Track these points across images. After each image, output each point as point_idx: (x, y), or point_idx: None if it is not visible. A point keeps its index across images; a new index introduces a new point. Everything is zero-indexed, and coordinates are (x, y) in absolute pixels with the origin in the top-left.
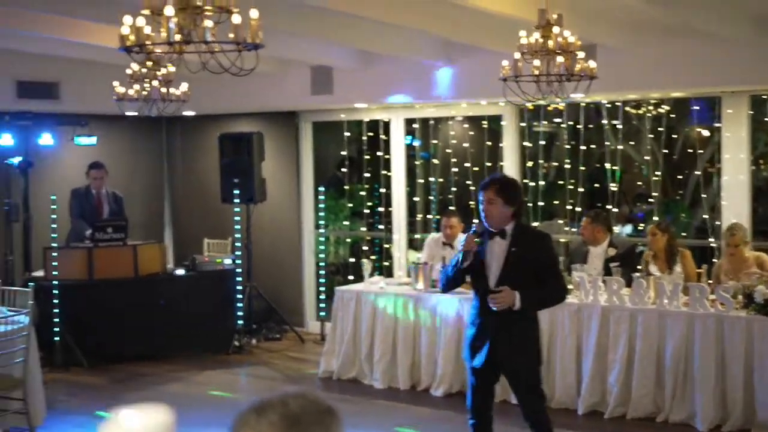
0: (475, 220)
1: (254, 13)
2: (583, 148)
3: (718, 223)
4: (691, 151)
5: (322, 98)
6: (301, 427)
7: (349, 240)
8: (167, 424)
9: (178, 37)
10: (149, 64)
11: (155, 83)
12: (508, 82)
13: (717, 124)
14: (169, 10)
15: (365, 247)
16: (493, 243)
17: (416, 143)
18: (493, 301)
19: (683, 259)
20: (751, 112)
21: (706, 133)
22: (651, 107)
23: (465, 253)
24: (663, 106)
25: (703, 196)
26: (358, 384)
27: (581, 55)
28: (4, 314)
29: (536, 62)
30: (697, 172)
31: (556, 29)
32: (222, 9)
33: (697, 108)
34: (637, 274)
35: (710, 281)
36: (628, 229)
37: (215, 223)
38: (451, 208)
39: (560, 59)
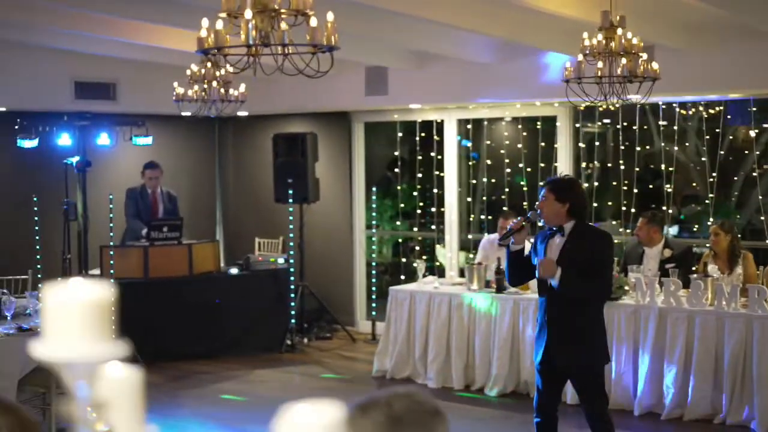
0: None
1: (330, 16)
2: (638, 149)
3: None
4: (738, 152)
5: (377, 99)
6: (402, 427)
7: (400, 240)
8: (338, 420)
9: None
10: (209, 65)
11: (214, 84)
12: (570, 83)
13: (766, 125)
14: (248, 13)
15: (417, 247)
16: (553, 241)
17: (466, 143)
18: (537, 270)
19: (745, 260)
20: None
21: (752, 133)
22: (701, 108)
23: (510, 231)
24: (716, 107)
25: (759, 197)
26: (412, 383)
27: (644, 56)
28: None
29: (599, 64)
30: (754, 174)
31: (619, 31)
32: (298, 12)
33: (754, 109)
34: (695, 275)
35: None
36: (674, 230)
37: (267, 222)
38: (505, 209)
39: (623, 61)
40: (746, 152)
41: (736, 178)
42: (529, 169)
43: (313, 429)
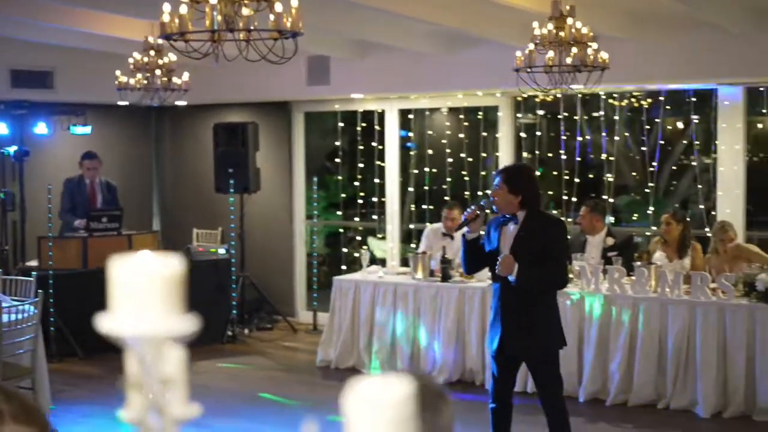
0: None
1: (295, 1)
2: (579, 139)
3: (714, 213)
4: (672, 142)
5: (319, 89)
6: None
7: (341, 230)
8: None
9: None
10: (152, 53)
11: (158, 72)
12: (520, 72)
13: (694, 117)
14: None
15: (358, 237)
16: (506, 228)
17: (405, 134)
18: (497, 267)
19: (694, 251)
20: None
21: (680, 124)
22: (633, 99)
23: (465, 221)
24: (656, 97)
25: (699, 187)
26: (357, 373)
27: (594, 46)
28: (12, 304)
29: (550, 53)
30: (694, 164)
31: (569, 20)
32: None
33: (693, 99)
34: (638, 263)
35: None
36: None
37: (205, 212)
38: (447, 198)
39: (574, 50)
40: (684, 142)
41: (674, 168)
42: (470, 159)
43: (385, 405)
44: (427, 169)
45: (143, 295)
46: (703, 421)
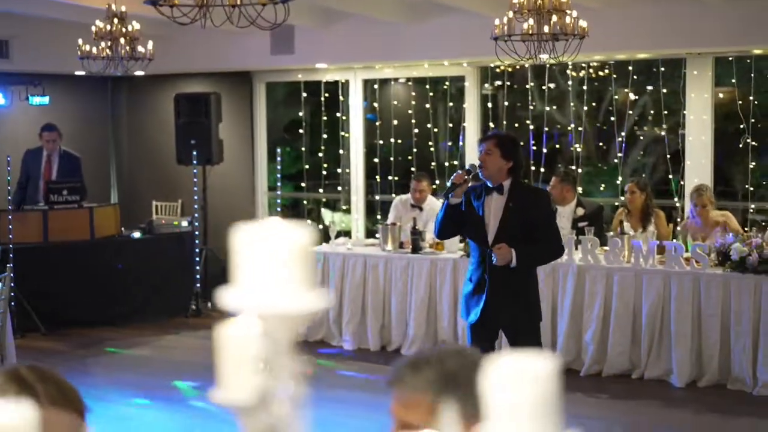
0: (437, 181)
1: None
2: (547, 108)
3: (682, 183)
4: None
5: (283, 58)
6: (458, 385)
7: (305, 201)
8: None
9: None
10: (116, 21)
11: (122, 41)
12: (499, 41)
13: (649, 87)
14: None
15: (325, 210)
16: (491, 199)
17: (366, 104)
18: (494, 257)
19: (657, 219)
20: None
21: (633, 96)
22: (600, 68)
23: (452, 186)
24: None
25: (668, 157)
26: (326, 345)
27: (574, 14)
28: None
29: (531, 21)
30: (663, 134)
31: None
32: None
33: (662, 69)
34: (611, 233)
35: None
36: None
37: (165, 185)
38: (413, 169)
39: (554, 18)
40: (651, 112)
41: (642, 138)
42: (435, 130)
43: (528, 381)
44: (392, 140)
45: (272, 268)
46: (678, 390)
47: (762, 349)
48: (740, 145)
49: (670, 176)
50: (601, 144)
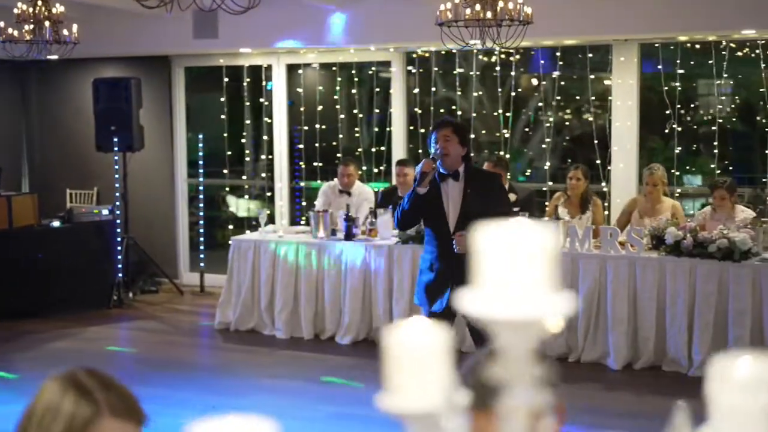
0: (364, 167)
1: None
2: (474, 94)
3: (609, 168)
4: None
5: (206, 42)
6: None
7: (227, 188)
8: None
9: None
10: (39, 3)
11: (47, 24)
12: (444, 27)
13: (555, 73)
14: None
15: (247, 197)
16: (447, 185)
17: (270, 86)
18: (455, 245)
19: (594, 206)
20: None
21: (534, 81)
22: (503, 55)
23: (422, 175)
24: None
25: (596, 142)
26: (258, 335)
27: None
28: None
29: (477, 7)
30: (590, 119)
31: None
32: None
33: (590, 55)
34: (545, 218)
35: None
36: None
37: (79, 172)
38: (339, 155)
39: (501, 4)
40: (577, 98)
41: (567, 123)
42: (361, 116)
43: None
44: (317, 126)
45: (516, 270)
46: (615, 373)
47: (697, 331)
48: (666, 131)
49: (597, 162)
50: (526, 129)
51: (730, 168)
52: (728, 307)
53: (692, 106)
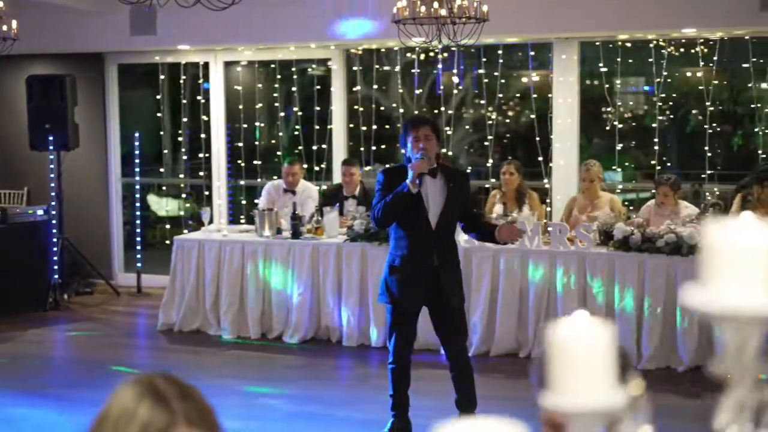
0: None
1: None
2: (417, 92)
3: (551, 165)
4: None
5: (144, 39)
6: None
7: (164, 187)
8: None
9: None
10: None
11: None
12: (401, 24)
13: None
14: None
15: (187, 195)
16: (426, 182)
17: (207, 86)
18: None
19: (531, 200)
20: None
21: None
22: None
23: (421, 176)
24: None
25: (537, 139)
26: (203, 335)
27: None
28: None
29: (434, 5)
30: (533, 116)
31: None
32: None
33: (532, 53)
34: (493, 215)
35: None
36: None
37: (8, 171)
38: (279, 153)
39: (459, 1)
40: (517, 95)
41: (507, 121)
42: (300, 114)
43: None
44: (257, 124)
45: (745, 267)
46: None
47: (646, 326)
48: (607, 128)
49: (540, 158)
50: (467, 127)
51: (668, 164)
52: (676, 300)
53: (631, 103)
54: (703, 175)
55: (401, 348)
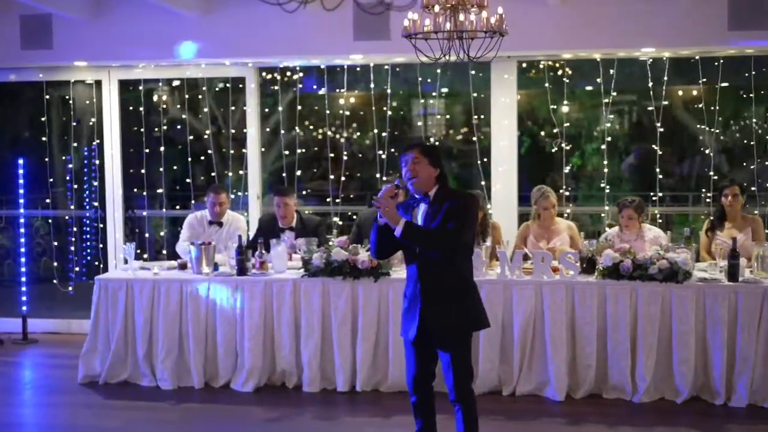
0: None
1: None
2: (347, 114)
3: (494, 188)
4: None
5: (37, 54)
6: None
7: (49, 220)
8: None
9: None
10: None
11: None
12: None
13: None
14: None
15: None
16: (418, 210)
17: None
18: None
19: (494, 231)
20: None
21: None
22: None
23: (378, 202)
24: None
25: (479, 163)
26: (136, 387)
27: (502, 11)
28: None
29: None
30: (474, 139)
31: None
32: None
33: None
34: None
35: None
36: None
37: None
38: (187, 181)
39: (472, 16)
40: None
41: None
42: (206, 136)
43: None
44: (162, 149)
45: None
46: (556, 404)
47: (641, 356)
48: (554, 150)
49: (483, 182)
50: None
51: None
52: (672, 329)
53: (580, 124)
54: (654, 198)
55: (413, 379)
